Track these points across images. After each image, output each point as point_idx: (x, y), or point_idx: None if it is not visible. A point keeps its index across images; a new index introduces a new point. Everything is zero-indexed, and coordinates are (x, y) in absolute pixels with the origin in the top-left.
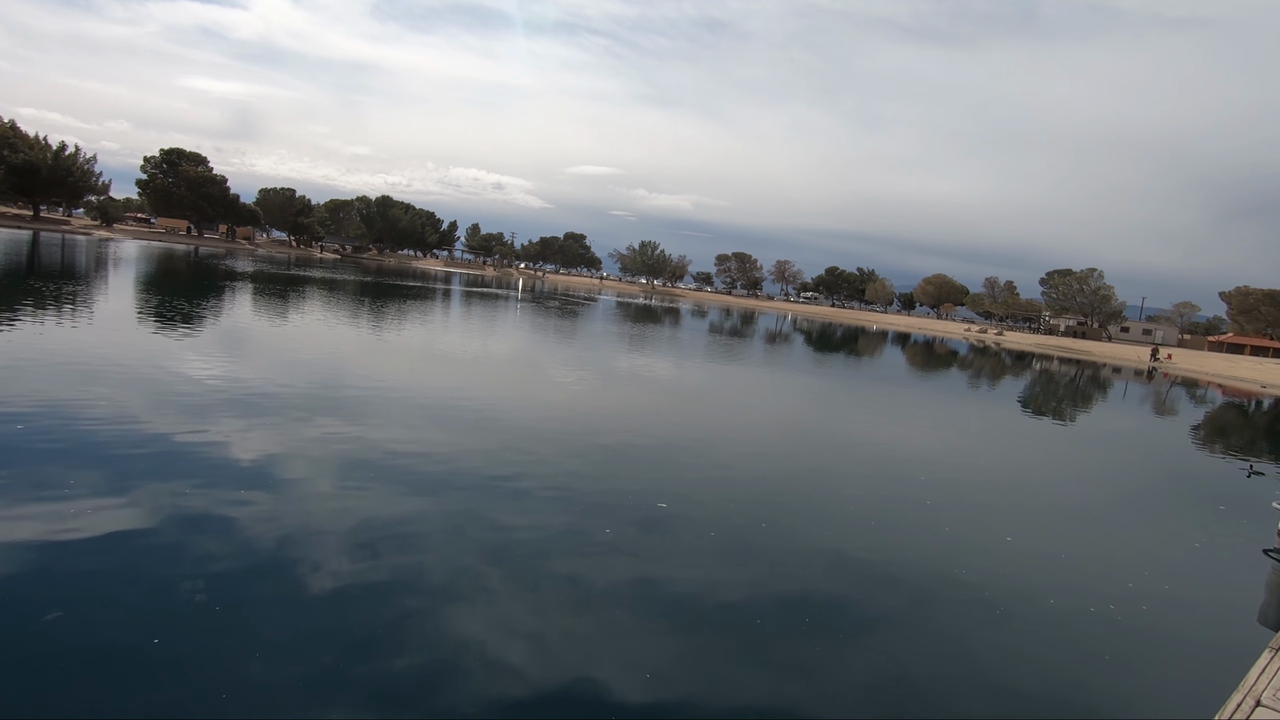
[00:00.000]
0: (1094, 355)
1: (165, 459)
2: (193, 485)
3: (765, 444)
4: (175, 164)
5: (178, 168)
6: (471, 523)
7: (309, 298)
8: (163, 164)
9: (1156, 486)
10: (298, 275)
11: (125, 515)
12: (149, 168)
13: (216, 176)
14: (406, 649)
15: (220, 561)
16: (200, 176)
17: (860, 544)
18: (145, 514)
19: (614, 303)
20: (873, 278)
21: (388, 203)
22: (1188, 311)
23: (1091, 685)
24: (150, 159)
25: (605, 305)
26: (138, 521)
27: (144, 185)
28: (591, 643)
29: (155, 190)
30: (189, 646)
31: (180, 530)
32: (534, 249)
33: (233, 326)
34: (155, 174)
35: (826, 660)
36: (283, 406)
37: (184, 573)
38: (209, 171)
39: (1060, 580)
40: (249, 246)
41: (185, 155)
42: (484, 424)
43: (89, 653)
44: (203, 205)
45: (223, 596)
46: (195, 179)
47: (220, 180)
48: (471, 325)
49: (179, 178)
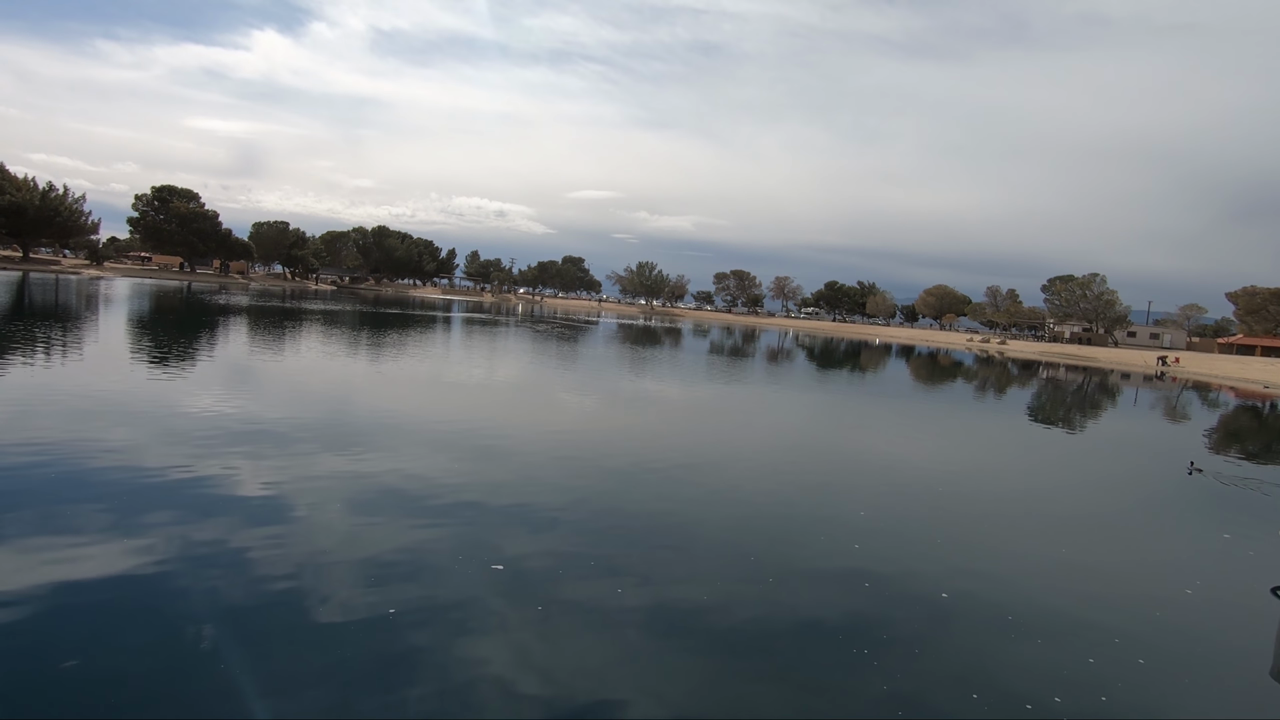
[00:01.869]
0: (1099, 361)
1: (170, 495)
2: (199, 521)
3: (773, 462)
4: (166, 200)
5: (169, 204)
6: (481, 551)
7: (304, 330)
8: (154, 201)
9: (1170, 494)
10: (292, 308)
11: (133, 553)
12: (140, 205)
13: (208, 212)
14: (418, 681)
15: (230, 597)
16: (191, 212)
17: (873, 560)
18: (153, 552)
19: (613, 325)
20: (873, 291)
21: (384, 232)
22: (1194, 314)
23: (1114, 703)
24: (141, 196)
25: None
26: (146, 559)
27: (135, 223)
28: (606, 669)
29: (147, 227)
30: (200, 684)
31: (189, 567)
32: (532, 274)
33: (229, 361)
34: (146, 211)
35: (845, 680)
36: (286, 440)
37: (193, 610)
38: (200, 207)
39: (1078, 593)
40: (242, 281)
41: (176, 192)
42: (489, 452)
43: (98, 694)
44: (194, 241)
45: (233, 633)
46: (186, 215)
47: (211, 215)
48: (470, 352)
49: (170, 214)
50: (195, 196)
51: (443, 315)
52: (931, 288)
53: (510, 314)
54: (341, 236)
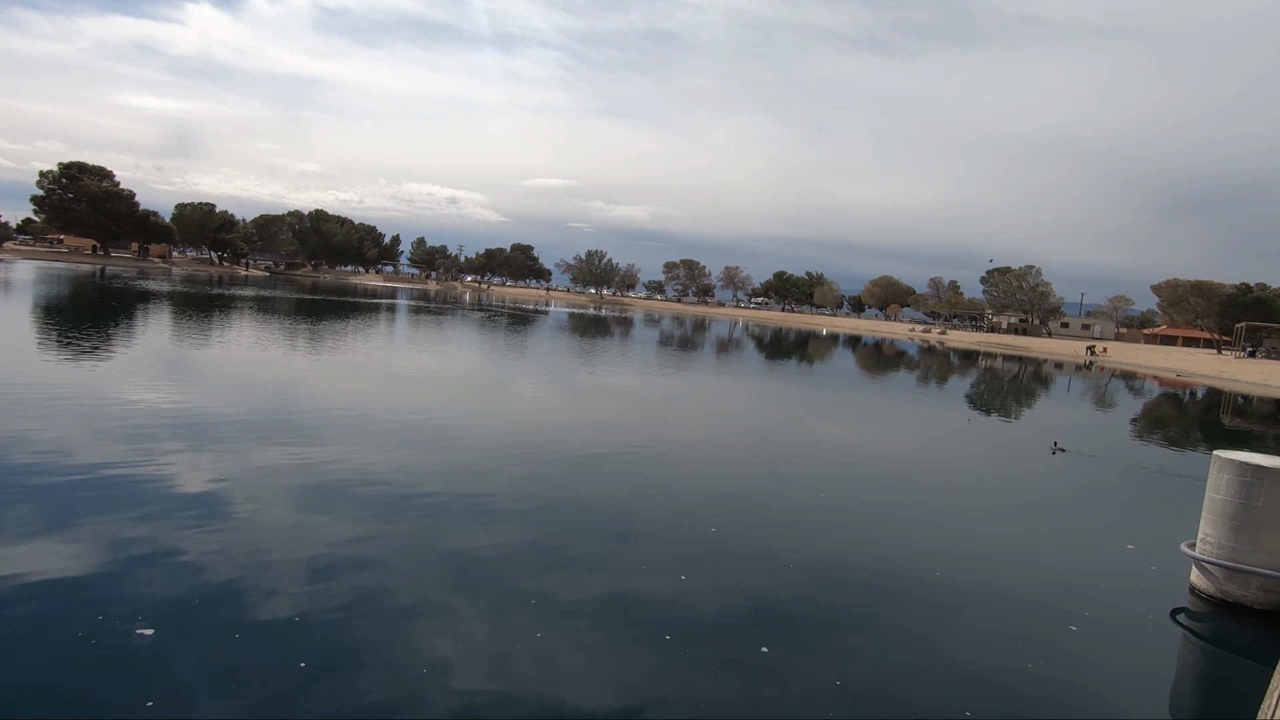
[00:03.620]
0: (1033, 351)
1: (100, 492)
2: (131, 518)
3: (726, 452)
4: (76, 178)
5: (78, 182)
6: (431, 543)
7: (233, 318)
8: (61, 179)
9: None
10: (219, 295)
11: (60, 554)
12: (46, 183)
13: (123, 191)
14: (367, 677)
15: (166, 596)
16: (103, 191)
17: (822, 546)
18: (82, 551)
19: (561, 315)
20: (821, 282)
21: (322, 216)
22: (1122, 305)
23: (1048, 676)
24: (47, 173)
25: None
26: (74, 560)
27: (40, 202)
28: (559, 660)
29: (53, 207)
30: (136, 687)
31: (121, 566)
32: (479, 261)
33: (152, 351)
34: (53, 189)
35: (796, 664)
36: (219, 434)
37: (127, 610)
38: (115, 186)
39: (1012, 573)
40: (163, 265)
41: (87, 169)
42: (437, 443)
43: (27, 703)
44: (107, 222)
45: (170, 632)
46: (98, 194)
47: (127, 195)
48: (414, 344)
49: (79, 193)
50: (109, 174)
51: (382, 303)
52: (877, 279)
53: (456, 302)
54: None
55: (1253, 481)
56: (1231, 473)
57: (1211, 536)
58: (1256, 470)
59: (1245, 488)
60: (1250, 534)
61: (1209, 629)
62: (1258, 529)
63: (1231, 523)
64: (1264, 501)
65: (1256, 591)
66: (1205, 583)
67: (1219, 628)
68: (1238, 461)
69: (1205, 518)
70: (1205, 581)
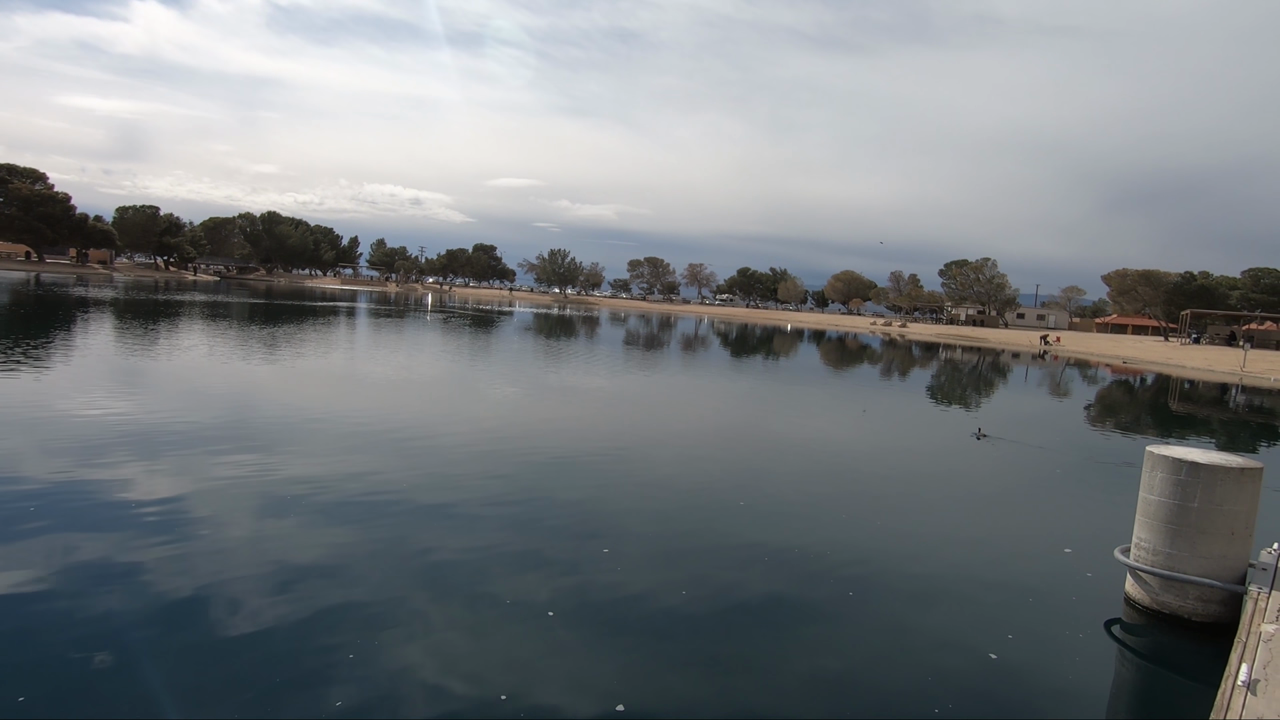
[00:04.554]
0: (989, 342)
1: (50, 507)
2: (89, 534)
3: (693, 450)
4: (5, 181)
5: (8, 185)
6: (400, 550)
7: (180, 326)
8: None
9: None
10: (164, 301)
11: (9, 573)
12: None
13: (57, 194)
14: (337, 685)
15: (125, 614)
16: (35, 195)
17: (792, 539)
18: (36, 569)
19: (524, 315)
20: (785, 277)
21: (275, 219)
22: (1074, 296)
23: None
24: None
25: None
26: (28, 578)
27: None
28: (531, 662)
29: None
30: (94, 709)
31: (78, 584)
32: (440, 262)
33: (99, 361)
34: None
35: (770, 657)
36: (175, 444)
37: (84, 631)
38: (49, 189)
39: (976, 559)
40: (103, 271)
41: (17, 171)
42: (400, 449)
43: None
44: (40, 227)
45: (129, 650)
46: (29, 197)
47: (62, 198)
48: (372, 348)
49: (10, 196)
50: (41, 177)
51: (340, 306)
52: (840, 273)
53: (417, 305)
54: (227, 223)
55: (1187, 480)
56: (1165, 470)
57: (1146, 541)
58: (1192, 468)
59: (1180, 487)
60: (1186, 538)
61: (1144, 644)
62: (1194, 533)
63: (1166, 526)
64: (1200, 502)
65: (1194, 602)
66: (1140, 592)
67: (1154, 642)
68: (1172, 458)
69: (1139, 520)
70: (1140, 591)
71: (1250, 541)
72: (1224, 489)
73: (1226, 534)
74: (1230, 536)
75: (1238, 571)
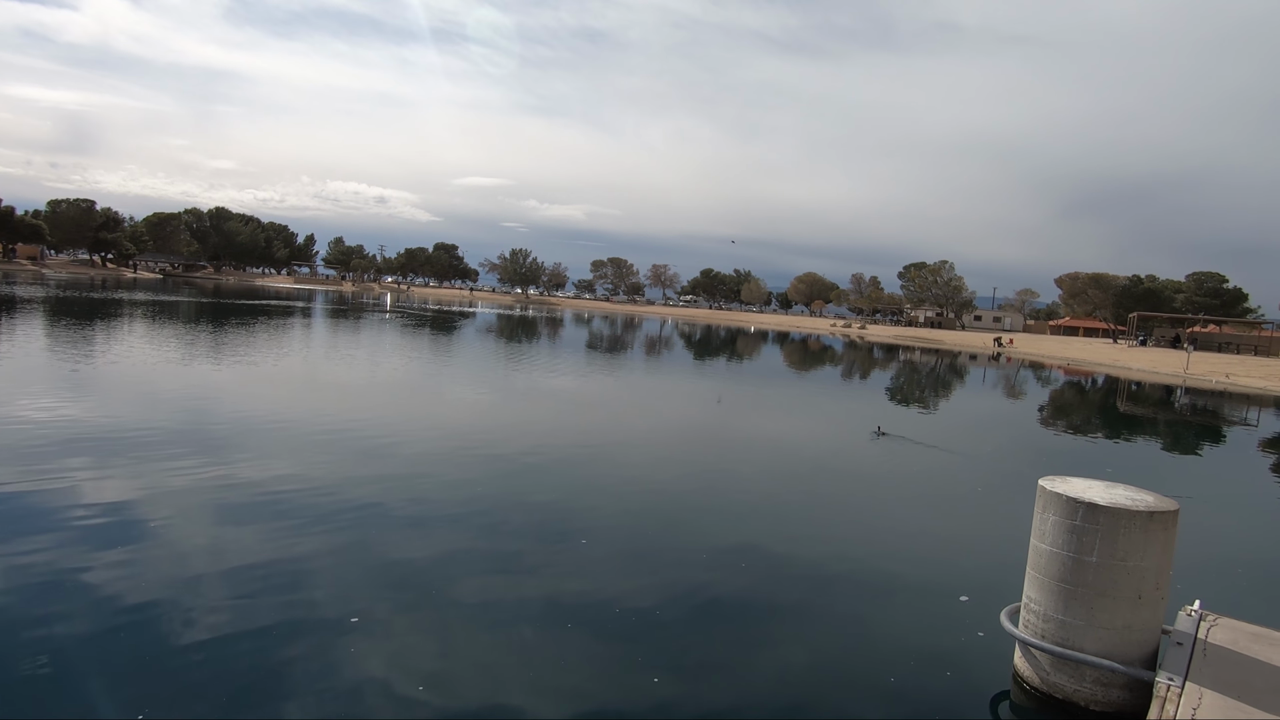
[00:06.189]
0: (946, 344)
1: None
2: (32, 543)
3: (658, 451)
4: None
5: None
6: (364, 555)
7: (119, 325)
8: None
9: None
10: (101, 299)
11: None
12: None
13: None
14: (297, 693)
15: (72, 626)
16: None
17: (758, 539)
18: None
19: (485, 315)
20: (748, 279)
21: (223, 215)
22: (1028, 298)
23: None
24: None
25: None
26: None
27: None
28: (501, 667)
29: None
30: None
31: (20, 595)
32: (399, 261)
33: (32, 363)
34: None
35: (738, 656)
36: (121, 449)
37: (28, 644)
38: None
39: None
40: (32, 268)
41: None
42: (361, 452)
43: None
44: None
45: (77, 662)
46: None
47: None
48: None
49: None
50: None
51: (294, 305)
52: (802, 275)
53: (373, 304)
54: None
55: (1083, 526)
56: (1059, 512)
57: (1036, 603)
58: (1089, 510)
59: (1075, 535)
60: (1082, 602)
61: None
62: (1091, 595)
63: (1059, 585)
64: (1099, 556)
65: (1092, 686)
66: (1029, 670)
67: None
68: (1066, 496)
69: (1029, 576)
70: (1029, 668)
71: (1163, 605)
72: (1128, 539)
73: (1132, 598)
74: (1137, 601)
75: (1146, 647)
